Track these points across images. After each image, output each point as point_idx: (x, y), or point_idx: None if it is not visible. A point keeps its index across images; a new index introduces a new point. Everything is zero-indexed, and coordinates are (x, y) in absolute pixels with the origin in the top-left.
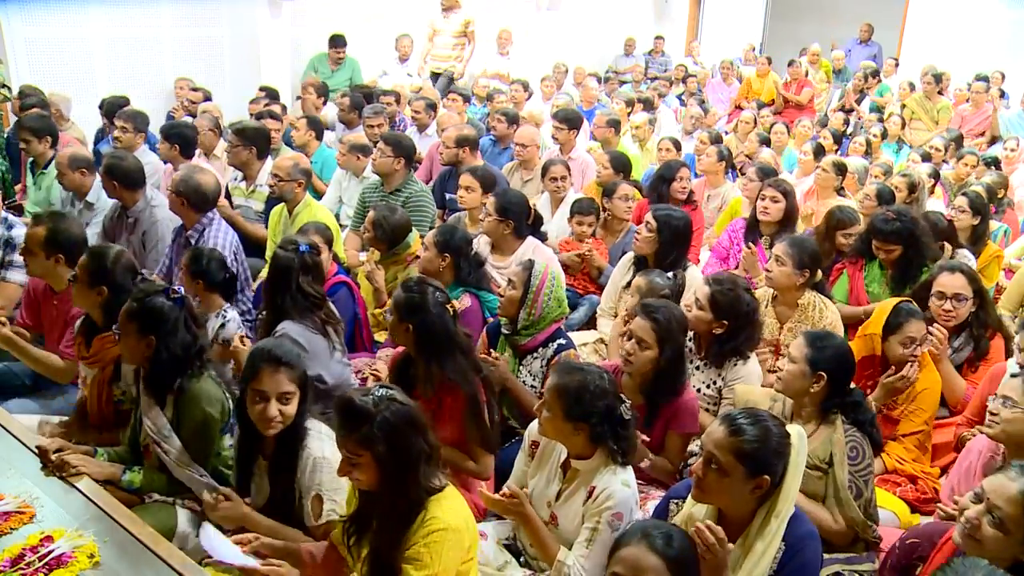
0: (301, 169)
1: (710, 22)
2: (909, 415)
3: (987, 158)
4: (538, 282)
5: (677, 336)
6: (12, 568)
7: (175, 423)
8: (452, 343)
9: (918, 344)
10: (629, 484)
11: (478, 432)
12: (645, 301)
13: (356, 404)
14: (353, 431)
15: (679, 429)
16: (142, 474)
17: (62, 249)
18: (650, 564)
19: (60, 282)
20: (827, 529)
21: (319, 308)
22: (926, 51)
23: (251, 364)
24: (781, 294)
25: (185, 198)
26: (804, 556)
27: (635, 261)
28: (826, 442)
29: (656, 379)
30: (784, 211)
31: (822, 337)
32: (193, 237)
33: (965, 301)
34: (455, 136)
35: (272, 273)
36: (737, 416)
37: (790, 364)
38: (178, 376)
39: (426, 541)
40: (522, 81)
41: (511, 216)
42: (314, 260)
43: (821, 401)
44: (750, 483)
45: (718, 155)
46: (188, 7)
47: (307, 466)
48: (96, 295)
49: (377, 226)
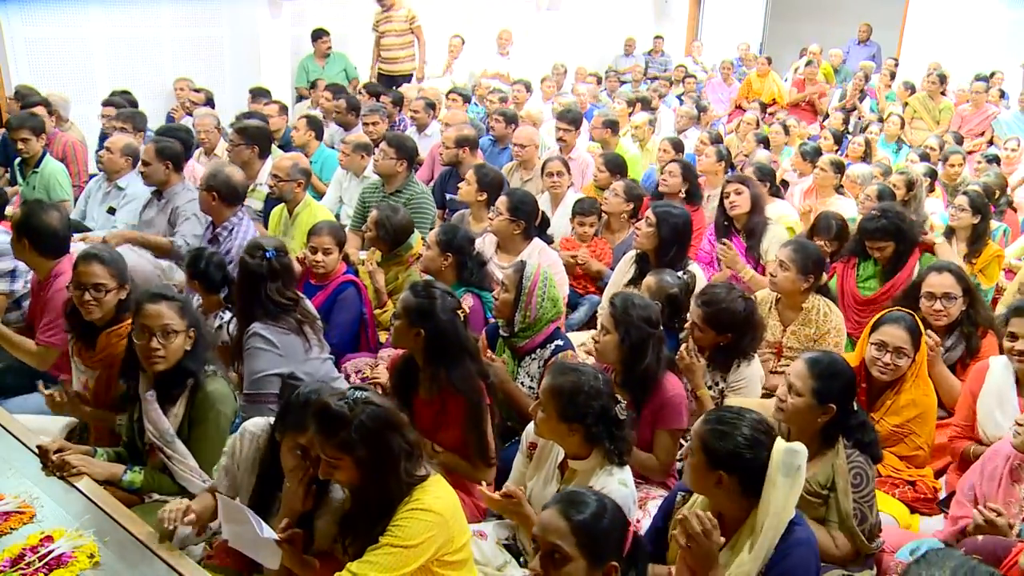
0: (300, 169)
1: (710, 22)
2: (904, 440)
3: (987, 156)
4: (530, 284)
5: (635, 320)
6: (12, 568)
7: (187, 422)
8: (462, 349)
9: (890, 351)
10: (627, 483)
11: (478, 444)
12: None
13: (332, 409)
14: (331, 436)
15: (666, 425)
16: (143, 474)
17: (28, 234)
18: (555, 526)
19: (39, 270)
20: (830, 554)
21: (291, 311)
22: (926, 51)
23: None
24: (785, 298)
25: (216, 192)
26: (789, 562)
27: (637, 258)
28: (827, 467)
29: (626, 370)
30: (750, 199)
31: (827, 365)
32: (222, 235)
33: (955, 300)
34: (455, 136)
35: (240, 279)
36: (724, 410)
37: (795, 397)
38: (190, 377)
39: (404, 515)
40: (523, 81)
41: (522, 216)
42: (282, 263)
43: (825, 426)
44: (711, 475)
45: (717, 155)
46: (188, 7)
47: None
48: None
49: (380, 226)
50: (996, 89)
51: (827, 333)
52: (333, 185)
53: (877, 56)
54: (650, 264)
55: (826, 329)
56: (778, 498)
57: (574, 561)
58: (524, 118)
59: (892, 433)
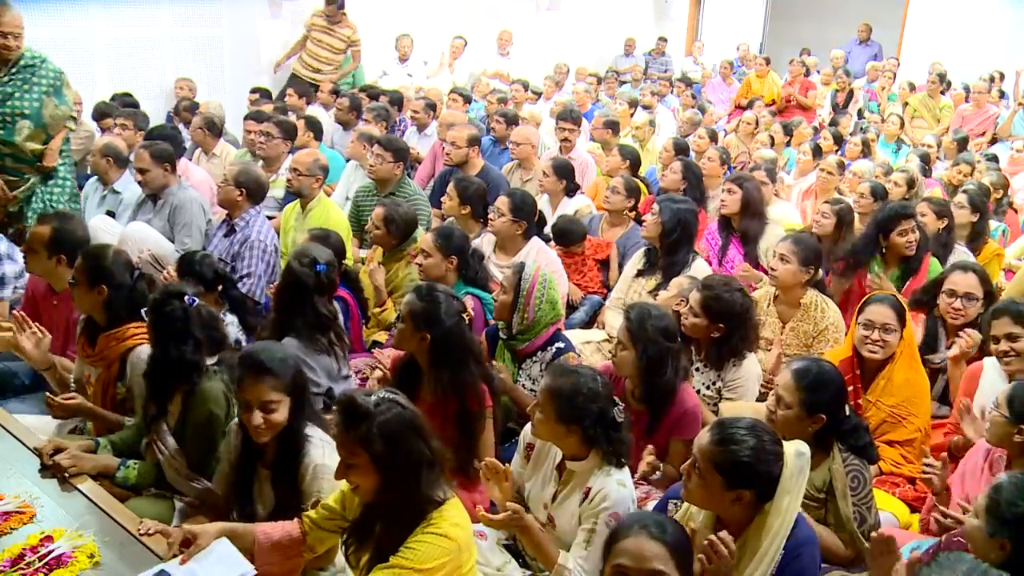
0: (320, 165)
1: (710, 22)
2: (902, 422)
3: (987, 155)
4: (528, 286)
5: (652, 335)
6: (12, 568)
7: (181, 421)
8: (467, 352)
9: (877, 328)
10: (625, 484)
11: (466, 454)
12: (627, 306)
13: (357, 402)
14: (351, 428)
15: (682, 435)
16: (137, 470)
17: (64, 250)
18: (654, 552)
19: (60, 282)
20: (837, 554)
21: (328, 329)
22: (926, 51)
23: (237, 370)
24: (784, 293)
25: (245, 188)
26: (801, 561)
27: (645, 251)
28: (824, 471)
29: (645, 383)
30: (741, 201)
31: (815, 376)
32: (239, 224)
33: (975, 301)
34: (467, 136)
35: (285, 285)
36: (731, 425)
37: (784, 409)
38: (180, 381)
39: (419, 538)
40: (523, 81)
41: (524, 216)
42: (330, 279)
43: (817, 433)
44: (728, 494)
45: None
46: (188, 7)
47: (307, 473)
48: (96, 295)
49: (390, 220)
50: (997, 89)
51: (825, 329)
52: (342, 181)
53: (879, 56)
54: (658, 256)
55: (824, 325)
56: (790, 501)
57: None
58: (524, 118)
59: (888, 416)
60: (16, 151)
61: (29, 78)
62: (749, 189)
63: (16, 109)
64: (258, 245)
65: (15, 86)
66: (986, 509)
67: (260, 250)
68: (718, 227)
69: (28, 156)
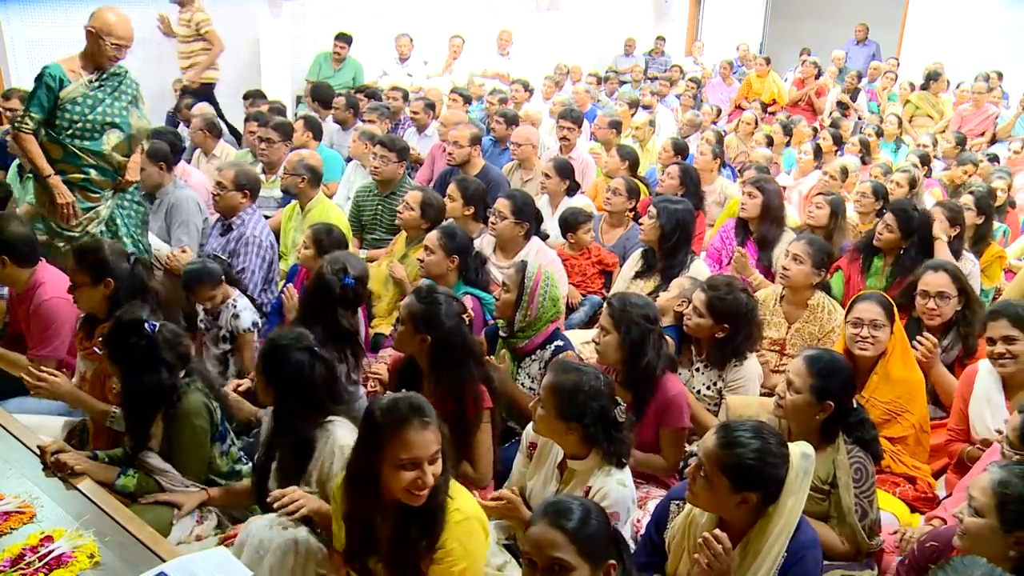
0: (305, 165)
1: (710, 22)
2: (896, 419)
3: (989, 155)
4: (532, 284)
5: (634, 318)
6: (12, 568)
7: (166, 441)
8: (467, 354)
9: (866, 324)
10: (625, 483)
11: (458, 455)
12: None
13: (371, 409)
14: None
15: (670, 425)
16: (136, 479)
17: (4, 249)
18: (552, 539)
19: (16, 284)
20: (834, 550)
21: (346, 343)
22: (926, 51)
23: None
24: (793, 293)
25: (248, 190)
26: (805, 564)
27: (643, 252)
28: (828, 463)
29: (628, 368)
30: (761, 205)
31: (827, 363)
32: (236, 224)
33: (949, 299)
34: (469, 135)
35: (311, 292)
36: (736, 428)
37: (794, 393)
38: (160, 407)
39: (456, 534)
40: (522, 81)
41: (526, 218)
42: (356, 294)
43: (824, 423)
44: (735, 497)
45: (711, 152)
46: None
47: (333, 454)
48: (104, 288)
49: (428, 205)
50: (998, 90)
51: (831, 332)
52: (344, 182)
53: (877, 56)
54: (656, 257)
55: (830, 327)
56: (795, 503)
57: (578, 570)
58: (523, 118)
59: (884, 413)
60: (101, 162)
61: (117, 86)
62: (770, 193)
63: (106, 117)
64: (254, 241)
65: (105, 92)
66: (996, 506)
67: (256, 246)
68: (735, 229)
69: (114, 167)
